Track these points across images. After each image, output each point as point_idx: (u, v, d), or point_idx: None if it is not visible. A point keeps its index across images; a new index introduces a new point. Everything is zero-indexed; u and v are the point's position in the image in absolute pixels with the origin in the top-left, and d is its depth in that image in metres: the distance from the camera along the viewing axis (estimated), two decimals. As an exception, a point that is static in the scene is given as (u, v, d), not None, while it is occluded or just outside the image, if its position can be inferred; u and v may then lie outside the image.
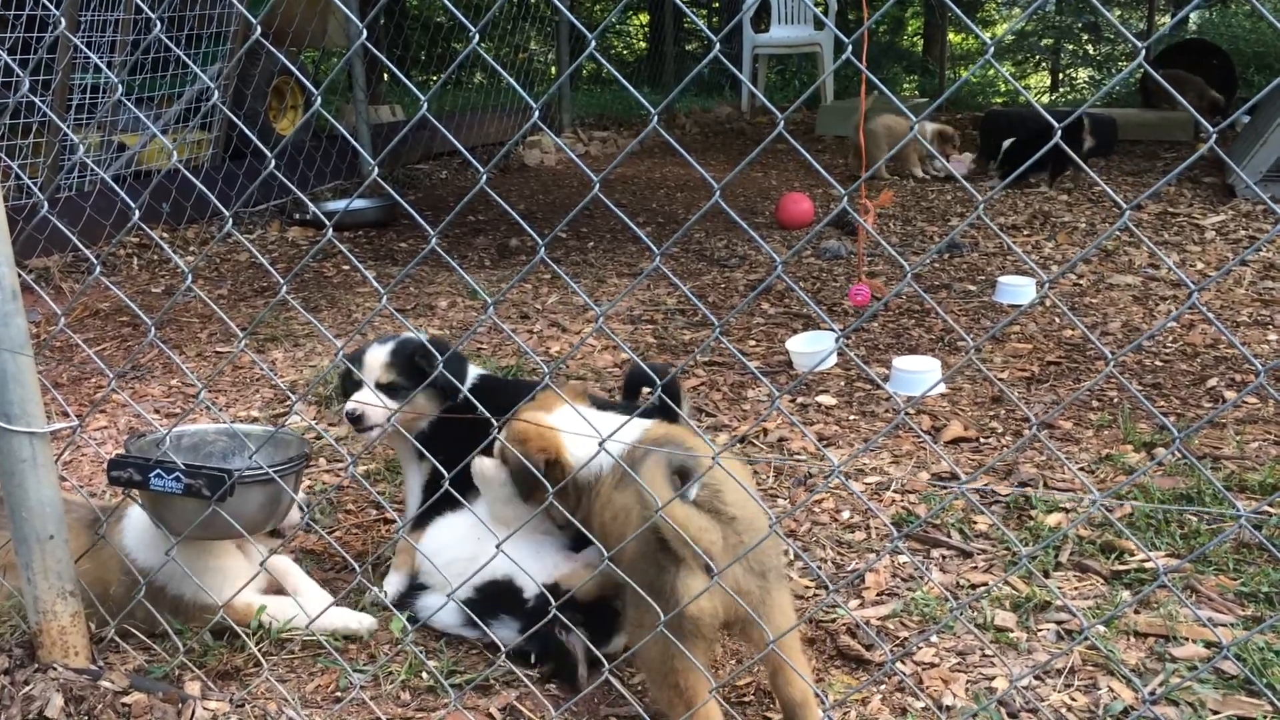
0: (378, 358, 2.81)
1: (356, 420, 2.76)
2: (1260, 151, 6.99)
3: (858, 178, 6.68)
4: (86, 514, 2.62)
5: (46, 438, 2.30)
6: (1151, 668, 2.41)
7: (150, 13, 2.23)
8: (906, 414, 1.61)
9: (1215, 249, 6.03)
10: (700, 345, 4.11)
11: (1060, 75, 20.53)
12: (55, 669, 2.35)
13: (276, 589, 2.72)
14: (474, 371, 2.90)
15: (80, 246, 2.77)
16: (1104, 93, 1.84)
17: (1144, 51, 1.49)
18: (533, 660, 2.49)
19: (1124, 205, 1.47)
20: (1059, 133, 1.42)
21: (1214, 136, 1.33)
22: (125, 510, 2.62)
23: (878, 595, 2.77)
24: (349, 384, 2.86)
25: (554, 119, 11.05)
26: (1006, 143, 8.10)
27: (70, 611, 2.38)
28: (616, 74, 1.76)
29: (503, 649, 2.33)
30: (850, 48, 1.57)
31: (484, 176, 1.67)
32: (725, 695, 2.35)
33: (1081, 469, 3.42)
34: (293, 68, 2.34)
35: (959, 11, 1.57)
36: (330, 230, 2.01)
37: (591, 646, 2.31)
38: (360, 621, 2.67)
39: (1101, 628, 2.55)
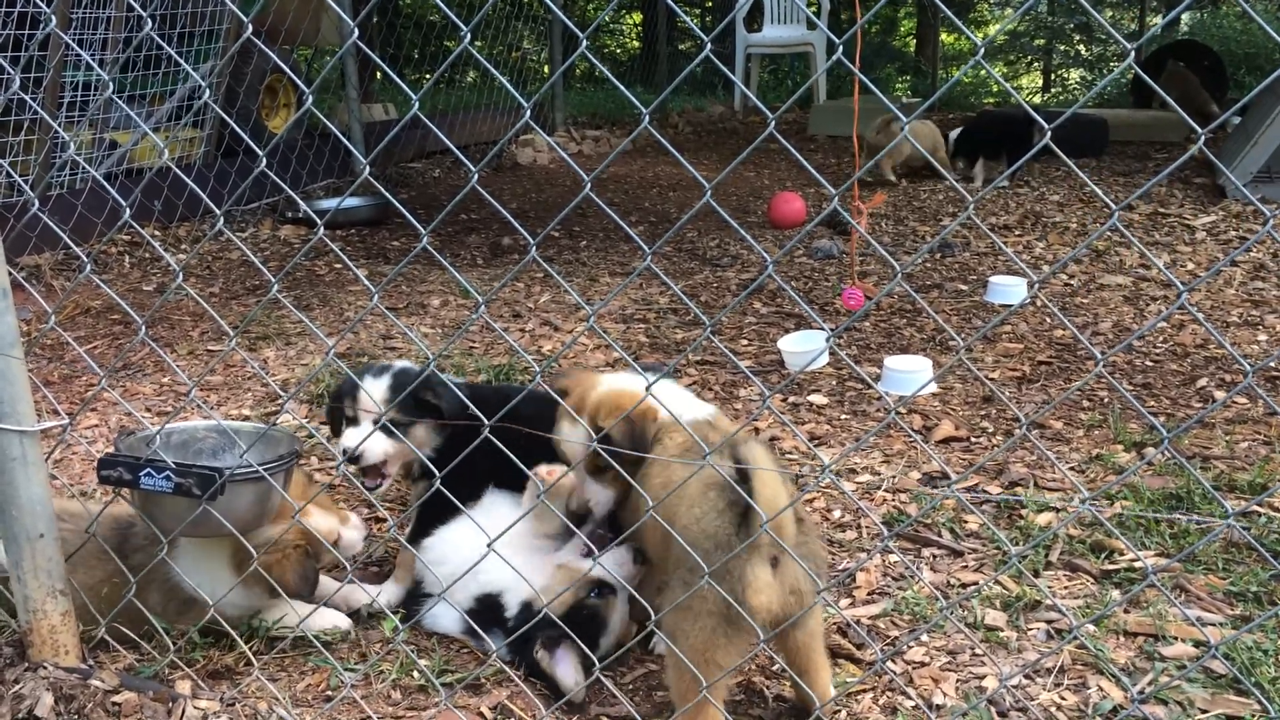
0: (375, 392, 2.67)
1: (355, 460, 2.65)
2: (1250, 152, 7.02)
3: (861, 177, 6.67)
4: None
5: (36, 436, 2.29)
6: (1141, 667, 2.42)
7: (142, 11, 2.23)
8: (897, 413, 1.62)
9: (1206, 249, 6.05)
10: (692, 344, 4.10)
11: (1052, 75, 20.59)
12: (45, 668, 2.34)
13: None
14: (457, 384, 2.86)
15: (71, 244, 2.77)
16: (1094, 93, 1.85)
17: (1133, 52, 1.50)
18: (520, 667, 2.49)
19: (1114, 205, 1.47)
20: (1048, 133, 1.43)
21: (1202, 139, 1.34)
22: None
23: (869, 594, 2.78)
24: (338, 417, 2.74)
25: (547, 118, 11.04)
26: (953, 134, 8.43)
27: (60, 610, 2.38)
28: (608, 74, 1.76)
29: (494, 647, 2.33)
30: (841, 48, 1.58)
31: (474, 175, 1.67)
32: (757, 663, 2.35)
33: (1072, 469, 3.43)
34: (284, 66, 2.34)
35: (950, 13, 1.57)
36: (321, 229, 2.00)
37: (587, 649, 2.31)
38: (339, 619, 2.68)
39: (1091, 627, 2.56)
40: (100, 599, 2.53)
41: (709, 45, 1.52)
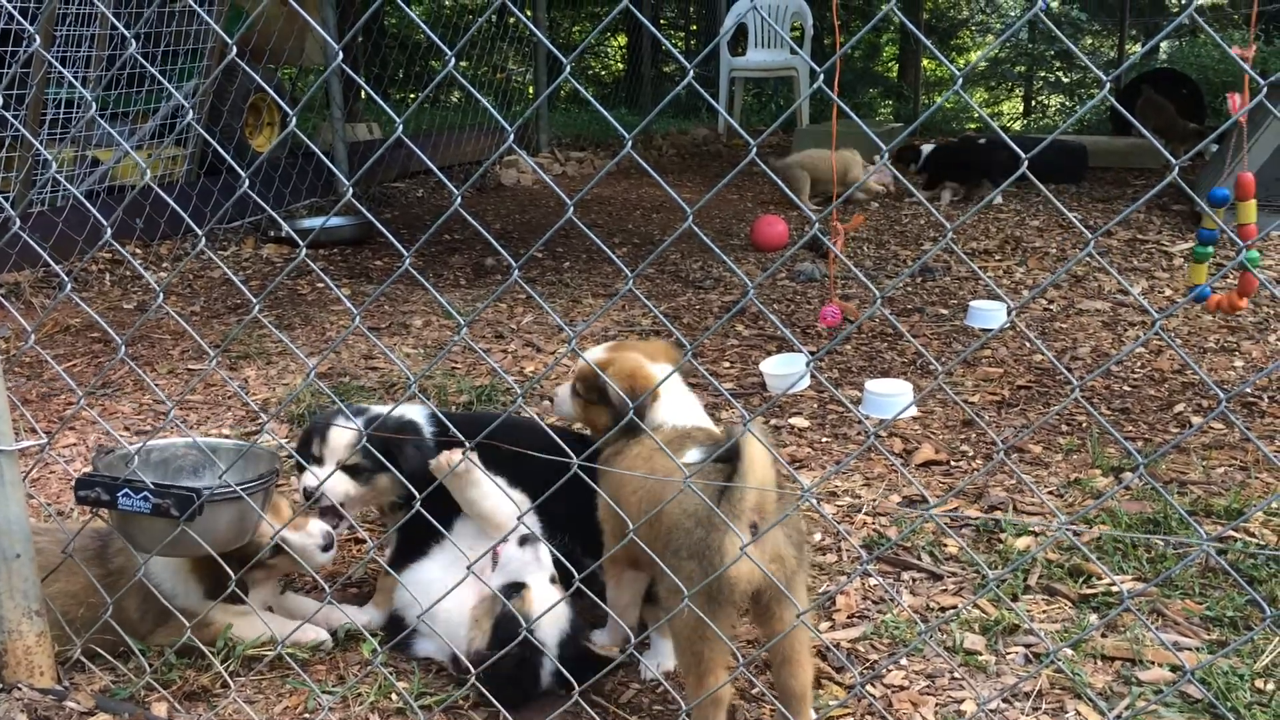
0: (345, 435, 2.65)
1: (310, 496, 2.64)
2: (1226, 181, 7.08)
3: (825, 202, 6.76)
4: None
5: (14, 455, 2.28)
6: (1118, 691, 2.43)
7: (125, 30, 2.23)
8: (877, 437, 1.63)
9: (1183, 275, 6.11)
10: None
11: (1033, 101, 20.80)
12: (20, 689, 2.32)
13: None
14: (422, 416, 2.81)
15: (51, 262, 2.76)
16: (1072, 121, 1.88)
17: (1108, 84, 1.52)
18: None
19: (1089, 233, 1.50)
20: (1024, 163, 1.45)
21: (1176, 169, 1.36)
22: None
23: (848, 618, 2.79)
24: (308, 456, 2.72)
25: (531, 139, 11.07)
26: (926, 148, 8.70)
27: (36, 631, 2.36)
28: (591, 99, 1.78)
29: (473, 670, 2.32)
30: (822, 76, 1.60)
31: (457, 198, 1.68)
32: (737, 687, 2.35)
33: (1050, 493, 3.45)
34: (266, 87, 2.36)
35: (929, 45, 1.60)
36: (304, 248, 2.01)
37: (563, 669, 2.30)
38: (320, 633, 2.67)
39: (1069, 651, 2.57)
40: (81, 607, 2.51)
41: (691, 73, 1.54)
